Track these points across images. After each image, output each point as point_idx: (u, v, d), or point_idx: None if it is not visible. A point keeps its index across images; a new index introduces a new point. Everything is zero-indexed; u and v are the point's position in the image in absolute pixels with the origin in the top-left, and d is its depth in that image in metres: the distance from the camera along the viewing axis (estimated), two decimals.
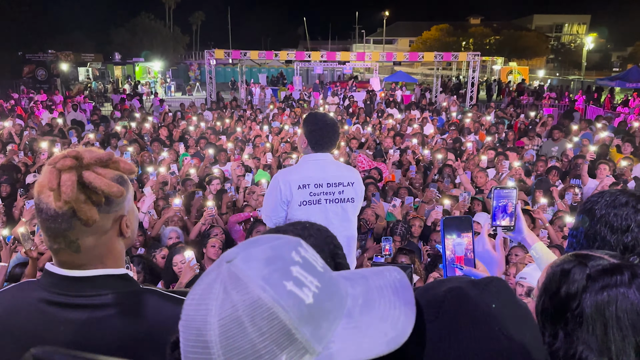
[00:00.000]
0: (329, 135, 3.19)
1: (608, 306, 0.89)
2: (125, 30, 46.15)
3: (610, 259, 0.97)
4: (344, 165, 3.43)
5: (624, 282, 0.90)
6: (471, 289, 0.68)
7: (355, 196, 3.27)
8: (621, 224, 1.36)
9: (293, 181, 3.16)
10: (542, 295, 1.02)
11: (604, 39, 67.55)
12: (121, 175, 1.25)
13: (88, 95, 24.57)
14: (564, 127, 11.48)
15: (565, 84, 32.05)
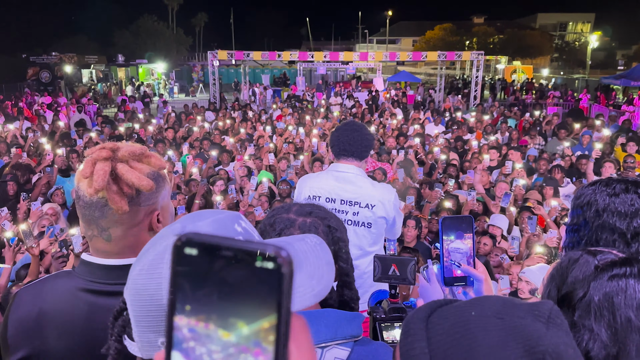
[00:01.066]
0: (350, 141, 2.79)
1: (616, 295, 0.89)
2: (128, 32, 46.32)
3: (618, 253, 0.97)
4: (371, 183, 2.84)
5: (633, 274, 0.90)
6: (562, 342, 0.66)
7: (374, 222, 2.74)
8: (629, 209, 1.35)
9: (305, 188, 2.88)
10: (549, 284, 1.02)
11: (608, 38, 67.24)
12: (156, 171, 1.31)
13: (92, 97, 24.64)
14: (569, 125, 11.44)
15: (570, 82, 31.91)
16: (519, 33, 56.64)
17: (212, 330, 0.41)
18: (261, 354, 0.41)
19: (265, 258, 0.40)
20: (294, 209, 1.32)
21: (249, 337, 0.41)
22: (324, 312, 1.17)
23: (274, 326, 0.40)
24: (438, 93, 23.57)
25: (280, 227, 1.27)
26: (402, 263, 1.60)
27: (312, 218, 1.29)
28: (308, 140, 9.53)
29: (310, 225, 1.27)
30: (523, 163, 7.78)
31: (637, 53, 59.30)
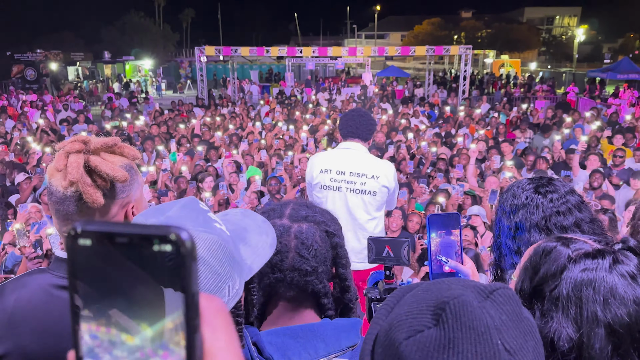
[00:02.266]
0: (357, 124, 3.24)
1: (585, 287, 0.89)
2: (114, 28, 45.88)
3: (594, 243, 0.97)
4: (374, 159, 3.34)
5: (604, 267, 0.90)
6: (475, 297, 0.65)
7: (378, 190, 3.19)
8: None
9: (317, 163, 3.29)
10: (522, 274, 1.01)
11: (594, 31, 67.80)
12: (129, 163, 1.30)
13: (78, 94, 24.38)
14: (557, 118, 11.52)
15: (557, 76, 32.13)
16: (506, 27, 56.95)
17: (114, 334, 0.37)
18: (169, 357, 0.37)
19: (162, 241, 0.36)
20: (287, 213, 1.24)
21: (154, 340, 0.37)
22: (322, 325, 1.15)
23: (179, 325, 0.37)
24: (427, 88, 23.59)
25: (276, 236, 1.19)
26: (396, 244, 1.59)
27: (308, 224, 1.22)
28: (298, 136, 9.52)
29: (307, 231, 1.20)
30: (513, 157, 7.83)
31: (623, 46, 59.91)
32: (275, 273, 1.16)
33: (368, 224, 3.23)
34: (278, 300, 1.21)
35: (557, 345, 0.89)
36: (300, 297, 1.20)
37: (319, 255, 1.19)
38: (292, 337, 1.09)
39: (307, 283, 1.17)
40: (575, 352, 0.88)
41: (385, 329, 0.68)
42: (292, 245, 1.17)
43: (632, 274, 0.89)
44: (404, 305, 0.69)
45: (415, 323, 0.65)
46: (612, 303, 0.87)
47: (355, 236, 3.21)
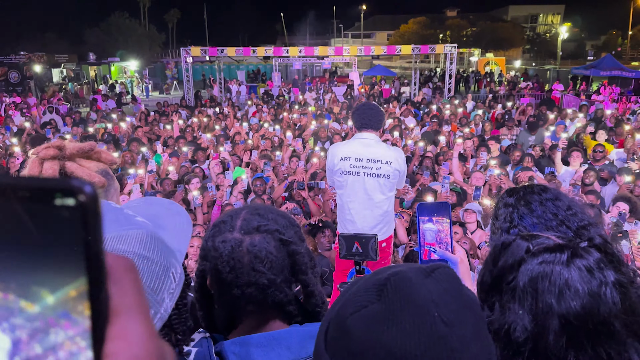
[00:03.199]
0: (369, 116, 3.69)
1: (541, 279, 0.90)
2: (99, 29, 45.46)
3: (557, 239, 0.98)
4: (387, 146, 3.81)
5: (562, 260, 0.91)
6: (415, 274, 0.70)
7: (392, 174, 3.66)
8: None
9: (337, 153, 3.74)
10: (483, 267, 1.03)
11: (578, 29, 68.55)
12: (105, 169, 1.27)
13: (63, 96, 24.14)
14: (543, 114, 11.65)
15: (542, 73, 32.45)
16: (491, 25, 57.44)
17: (12, 301, 0.34)
18: (71, 328, 0.34)
19: (65, 194, 0.33)
20: (238, 225, 1.18)
21: (56, 308, 0.34)
22: (287, 333, 1.15)
23: (83, 292, 0.34)
24: (413, 86, 23.71)
25: (227, 251, 1.15)
26: (364, 240, 1.62)
27: (261, 234, 1.17)
28: (284, 136, 9.54)
29: (260, 244, 1.15)
30: (499, 154, 7.92)
31: (606, 43, 60.66)
32: (233, 290, 1.13)
33: (382, 202, 3.71)
34: (243, 313, 1.19)
35: (513, 335, 0.90)
36: (264, 308, 1.18)
37: (275, 266, 1.15)
38: (255, 346, 1.09)
39: (266, 296, 1.15)
40: (531, 343, 0.89)
41: (337, 309, 0.73)
42: (246, 261, 1.14)
43: (590, 267, 0.90)
44: (355, 287, 0.74)
45: (361, 299, 0.69)
46: (567, 295, 0.88)
47: (372, 214, 3.72)
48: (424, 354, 0.63)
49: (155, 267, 0.81)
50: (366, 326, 0.66)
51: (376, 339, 0.64)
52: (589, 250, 0.93)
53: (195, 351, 1.04)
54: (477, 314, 0.71)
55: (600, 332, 0.86)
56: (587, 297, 0.88)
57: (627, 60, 41.39)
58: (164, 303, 0.80)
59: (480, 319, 0.71)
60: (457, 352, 0.64)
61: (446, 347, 0.64)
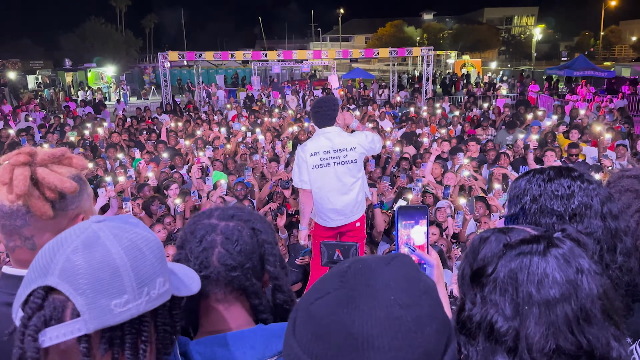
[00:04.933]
0: (324, 114, 4.09)
1: (520, 271, 0.94)
2: (75, 35, 44.84)
3: (532, 231, 1.02)
4: (348, 134, 4.20)
5: (539, 251, 0.95)
6: (375, 262, 0.76)
7: (358, 157, 4.10)
8: (564, 192, 1.40)
9: (307, 150, 4.11)
10: (463, 263, 1.07)
11: (551, 30, 69.76)
12: (77, 174, 1.26)
13: (39, 103, 23.76)
14: (520, 115, 11.86)
15: (517, 74, 32.95)
16: (467, 28, 58.09)
17: None
18: None
19: None
20: (215, 214, 1.26)
21: None
22: (253, 331, 1.17)
23: None
24: (391, 89, 23.89)
25: (202, 234, 1.21)
26: (345, 248, 1.67)
27: (235, 221, 1.24)
28: (266, 139, 9.57)
29: (234, 228, 1.22)
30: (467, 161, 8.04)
31: (579, 44, 61.78)
32: (202, 271, 1.17)
33: (354, 185, 4.14)
34: (209, 304, 1.21)
35: (495, 326, 0.94)
36: (230, 297, 1.20)
37: (244, 251, 1.20)
38: (220, 345, 1.12)
39: (233, 279, 1.18)
40: (513, 332, 0.92)
41: (303, 297, 0.79)
42: (218, 241, 1.19)
43: (566, 256, 0.94)
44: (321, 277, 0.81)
45: (324, 286, 0.75)
46: (545, 284, 0.91)
47: (349, 197, 4.13)
48: (380, 334, 0.68)
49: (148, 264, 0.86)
50: (328, 310, 0.72)
51: (337, 322, 0.70)
52: (564, 240, 0.98)
53: None
54: (434, 298, 0.76)
55: (579, 318, 0.89)
56: (565, 285, 0.91)
57: (599, 61, 42.27)
58: (141, 299, 0.84)
59: (437, 302, 0.76)
60: (412, 332, 0.69)
61: (401, 328, 0.69)
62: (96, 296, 0.80)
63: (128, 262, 0.83)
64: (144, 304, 0.84)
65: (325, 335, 0.70)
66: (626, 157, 7.31)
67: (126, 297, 0.82)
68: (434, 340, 0.71)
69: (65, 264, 0.81)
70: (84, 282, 0.80)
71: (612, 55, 54.82)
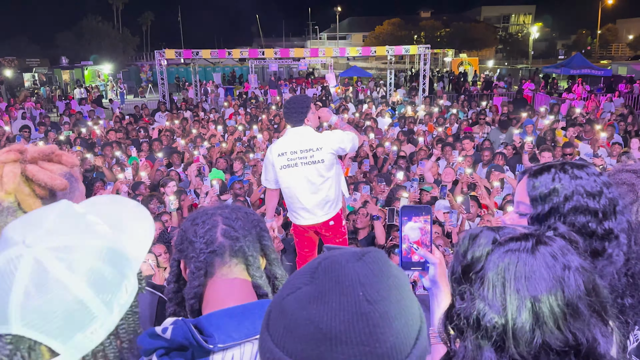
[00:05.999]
0: (292, 115, 4.03)
1: (508, 268, 0.96)
2: (71, 33, 44.71)
3: (523, 230, 1.04)
4: (316, 134, 4.09)
5: (527, 248, 0.98)
6: (345, 258, 0.78)
7: (325, 157, 3.98)
8: (594, 189, 1.41)
9: (274, 149, 4.09)
10: (454, 260, 1.09)
11: (548, 28, 69.87)
12: (69, 171, 1.27)
13: (35, 101, 23.67)
14: (515, 114, 11.88)
15: (514, 73, 33.01)
16: (464, 26, 58.11)
17: None
18: None
19: None
20: (209, 207, 1.39)
21: None
22: (260, 304, 1.22)
23: None
24: (388, 87, 23.90)
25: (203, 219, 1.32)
26: None
27: (229, 208, 1.37)
28: (263, 137, 9.56)
29: (230, 211, 1.35)
30: (474, 152, 8.06)
31: (576, 42, 61.92)
32: (209, 247, 1.27)
33: (324, 185, 4.04)
34: (215, 281, 1.28)
35: (483, 321, 0.96)
36: (235, 271, 1.29)
37: (244, 225, 1.33)
38: (229, 317, 1.16)
39: (238, 250, 1.29)
40: (500, 328, 0.95)
41: (278, 293, 0.82)
42: (220, 220, 1.31)
43: (554, 253, 0.96)
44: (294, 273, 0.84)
45: (296, 282, 0.78)
46: (532, 280, 0.94)
47: (318, 197, 4.05)
48: (347, 329, 0.71)
49: (109, 279, 0.81)
50: (298, 305, 0.74)
51: (306, 317, 0.72)
52: (554, 238, 1.00)
53: (172, 327, 1.09)
54: (404, 293, 0.78)
55: (565, 314, 0.92)
56: (551, 281, 0.93)
57: (596, 59, 42.40)
58: (113, 314, 0.82)
59: (407, 297, 0.78)
60: (379, 327, 0.72)
61: (368, 323, 0.71)
62: (70, 334, 0.77)
63: (88, 288, 0.78)
64: (117, 314, 0.82)
65: (295, 330, 0.73)
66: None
67: (99, 321, 0.80)
68: (402, 334, 0.74)
69: (24, 313, 0.76)
70: (53, 326, 0.76)
71: (608, 54, 54.97)
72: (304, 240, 4.39)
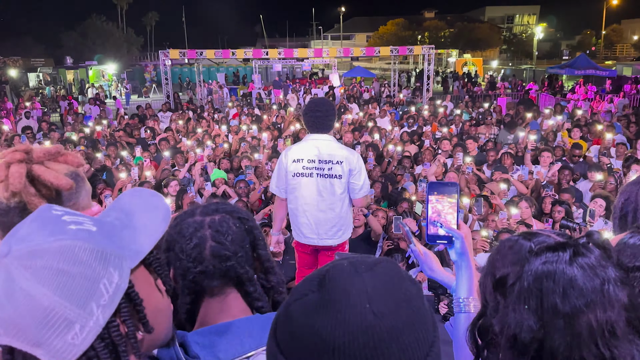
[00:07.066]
0: (319, 120, 3.68)
1: (546, 279, 0.92)
2: (76, 33, 44.85)
3: (557, 237, 1.00)
4: (339, 146, 3.78)
5: (564, 259, 0.93)
6: (355, 268, 0.75)
7: (343, 174, 3.66)
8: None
9: (290, 155, 3.74)
10: (487, 267, 1.06)
11: (553, 29, 69.70)
12: (75, 170, 1.26)
13: (40, 101, 23.75)
14: (521, 114, 11.86)
15: (518, 73, 32.92)
16: (468, 26, 58.02)
17: None
18: None
19: None
20: (198, 211, 1.28)
21: None
22: (249, 320, 1.18)
23: None
24: (393, 87, 23.89)
25: (190, 232, 1.22)
26: None
27: (220, 214, 1.26)
28: (268, 137, 9.57)
29: (221, 221, 1.24)
30: (477, 153, 8.04)
31: (580, 43, 61.73)
32: (197, 267, 1.19)
33: (335, 204, 3.70)
34: (204, 298, 1.23)
35: (520, 336, 0.92)
36: (226, 288, 1.23)
37: (235, 240, 1.23)
38: (217, 335, 1.12)
39: (228, 269, 1.21)
40: (536, 343, 0.91)
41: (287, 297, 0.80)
42: (208, 235, 1.21)
43: (592, 265, 0.91)
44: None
45: (304, 289, 0.76)
46: (571, 294, 0.89)
47: (326, 216, 3.71)
48: (351, 342, 0.67)
49: (79, 281, 0.77)
50: (303, 313, 0.72)
51: (312, 326, 0.70)
52: (590, 248, 0.95)
53: None
54: (415, 307, 0.74)
55: (604, 330, 0.88)
56: (590, 295, 0.89)
57: (600, 60, 42.22)
58: (94, 316, 0.77)
59: (418, 313, 0.74)
60: (384, 342, 0.68)
61: (373, 337, 0.68)
62: (48, 342, 0.74)
63: (55, 296, 0.75)
64: (101, 316, 0.78)
65: (299, 337, 0.71)
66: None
67: (78, 325, 0.76)
68: (410, 350, 0.70)
69: (2, 324, 0.74)
70: (30, 336, 0.74)
71: (613, 54, 54.76)
72: (305, 258, 4.03)
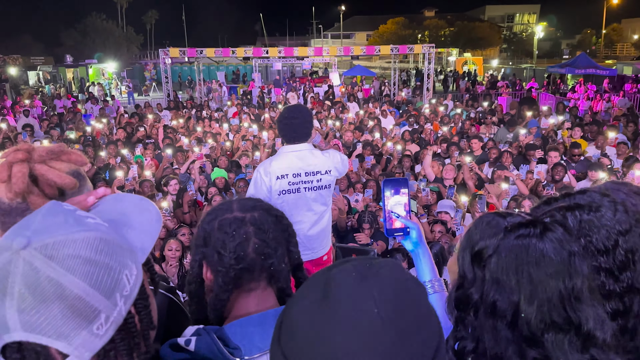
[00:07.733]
0: (297, 128, 3.34)
1: (520, 252, 1.02)
2: (76, 31, 44.84)
3: (526, 216, 1.10)
4: (321, 153, 3.47)
5: (536, 234, 1.03)
6: (361, 271, 0.74)
7: (332, 182, 3.49)
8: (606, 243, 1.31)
9: (272, 172, 3.33)
10: (464, 242, 1.12)
11: (553, 28, 69.69)
12: (77, 169, 1.25)
13: (40, 99, 23.73)
14: (522, 113, 11.86)
15: (519, 72, 32.91)
16: (468, 25, 58.00)
17: None
18: None
19: None
20: (235, 207, 1.28)
21: None
22: (277, 312, 1.17)
23: None
24: (393, 86, 23.88)
25: (233, 228, 1.22)
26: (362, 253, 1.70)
27: (258, 211, 1.27)
28: (268, 135, 9.57)
29: (261, 218, 1.25)
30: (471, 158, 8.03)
31: (580, 42, 61.71)
32: (240, 263, 1.20)
33: (324, 213, 3.51)
34: (241, 293, 1.24)
35: (498, 303, 1.02)
36: (262, 284, 1.25)
37: (276, 238, 1.25)
38: (253, 325, 1.13)
39: (270, 266, 1.23)
40: (513, 308, 1.01)
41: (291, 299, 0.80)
42: (251, 232, 1.22)
43: (560, 239, 1.02)
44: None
45: (307, 292, 0.75)
46: (543, 265, 1.00)
47: (318, 228, 3.50)
48: (360, 348, 0.67)
49: (106, 271, 0.78)
50: (307, 317, 0.71)
51: (315, 330, 0.69)
52: (555, 225, 1.05)
53: (195, 339, 1.07)
54: (422, 308, 0.74)
55: (571, 296, 0.98)
56: (559, 265, 0.99)
57: (601, 59, 42.23)
58: (118, 306, 0.79)
59: (425, 313, 0.74)
60: (393, 345, 0.67)
61: (383, 340, 0.67)
62: (74, 333, 0.75)
63: (85, 284, 0.75)
64: (123, 307, 0.79)
65: (307, 346, 0.70)
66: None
67: (103, 315, 0.77)
68: (418, 353, 0.70)
69: (22, 317, 0.73)
70: (55, 327, 0.73)
71: (613, 54, 54.76)
72: None
